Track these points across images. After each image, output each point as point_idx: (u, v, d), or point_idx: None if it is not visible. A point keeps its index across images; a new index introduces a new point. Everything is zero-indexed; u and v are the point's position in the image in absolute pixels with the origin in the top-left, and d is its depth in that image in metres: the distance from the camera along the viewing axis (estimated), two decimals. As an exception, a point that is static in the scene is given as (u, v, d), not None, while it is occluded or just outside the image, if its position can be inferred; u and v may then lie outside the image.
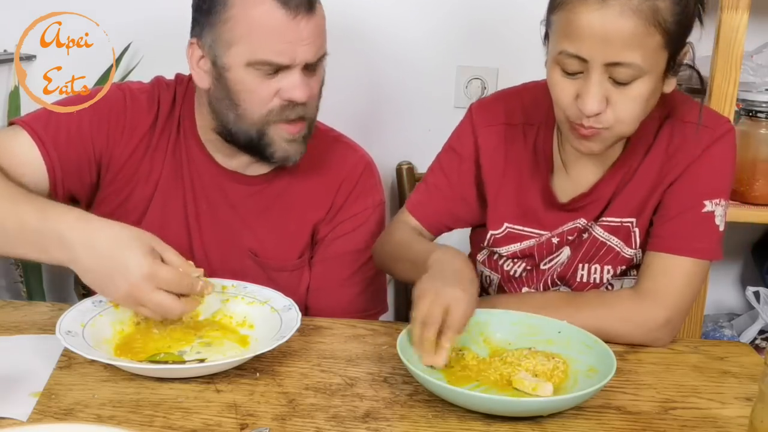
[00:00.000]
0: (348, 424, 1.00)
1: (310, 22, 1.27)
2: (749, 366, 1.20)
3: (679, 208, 1.26)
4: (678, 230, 1.25)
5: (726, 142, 1.27)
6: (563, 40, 1.14)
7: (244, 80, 1.28)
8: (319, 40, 1.30)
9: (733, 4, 1.64)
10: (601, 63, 1.12)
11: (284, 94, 1.28)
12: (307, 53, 1.28)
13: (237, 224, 1.41)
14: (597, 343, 1.13)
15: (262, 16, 1.25)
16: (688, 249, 1.24)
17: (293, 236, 1.42)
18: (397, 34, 2.02)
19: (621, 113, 1.15)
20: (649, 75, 1.13)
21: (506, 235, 1.36)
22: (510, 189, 1.34)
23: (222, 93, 1.30)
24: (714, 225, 1.26)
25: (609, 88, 1.14)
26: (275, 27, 1.25)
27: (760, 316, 1.96)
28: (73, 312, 1.15)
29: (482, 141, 1.35)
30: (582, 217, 1.31)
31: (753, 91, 1.79)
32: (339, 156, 1.45)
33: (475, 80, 2.04)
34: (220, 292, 1.25)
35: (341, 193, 1.43)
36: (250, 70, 1.27)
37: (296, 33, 1.25)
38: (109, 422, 0.97)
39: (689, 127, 1.27)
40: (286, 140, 1.32)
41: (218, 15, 1.26)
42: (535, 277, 1.37)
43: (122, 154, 1.36)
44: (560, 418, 1.02)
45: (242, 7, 1.25)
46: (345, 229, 1.43)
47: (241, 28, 1.26)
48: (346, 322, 1.29)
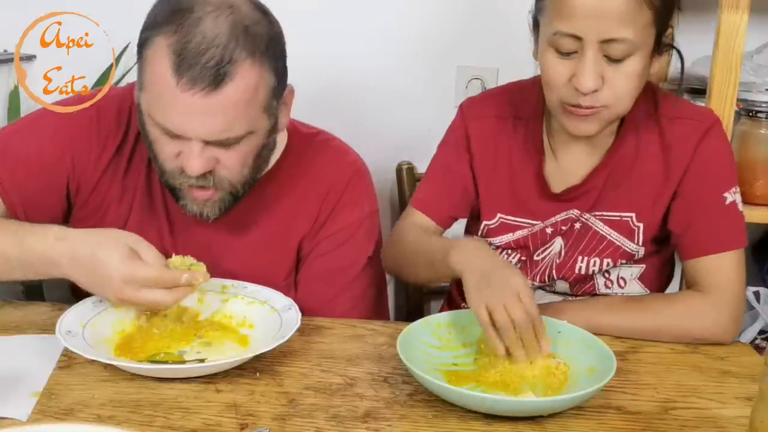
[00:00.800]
0: (348, 424, 1.00)
1: (212, 99, 1.10)
2: (749, 366, 1.20)
3: (703, 209, 1.28)
4: (712, 230, 1.27)
5: (716, 132, 1.29)
6: (557, 21, 1.17)
7: (151, 130, 1.18)
8: (227, 119, 1.12)
9: (733, 4, 1.64)
10: (596, 40, 1.14)
11: (180, 161, 1.17)
12: (206, 131, 1.13)
13: (216, 246, 1.31)
14: (597, 343, 1.13)
15: (156, 75, 1.12)
16: (728, 244, 1.27)
17: (278, 255, 1.33)
18: (398, 33, 2.02)
19: (618, 90, 1.18)
20: (640, 51, 1.17)
21: (500, 225, 1.37)
22: (502, 179, 1.36)
23: (144, 134, 1.20)
24: (738, 212, 1.29)
25: (604, 66, 1.17)
26: (166, 94, 1.11)
27: (760, 316, 1.96)
28: (73, 312, 1.15)
29: (472, 131, 1.37)
30: (575, 207, 1.33)
31: (753, 91, 1.79)
32: (326, 162, 1.35)
33: (475, 80, 2.04)
34: (219, 292, 1.25)
35: (327, 204, 1.33)
36: (154, 123, 1.16)
37: (190, 107, 1.10)
38: (109, 422, 0.97)
39: (678, 123, 1.29)
40: (197, 203, 1.22)
41: (140, 50, 1.16)
42: (530, 268, 1.38)
43: (92, 177, 1.29)
44: (560, 418, 1.02)
45: (148, 55, 1.14)
46: (329, 245, 1.33)
47: (145, 77, 1.15)
48: (346, 322, 1.29)
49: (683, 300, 1.29)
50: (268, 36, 1.16)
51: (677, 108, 1.31)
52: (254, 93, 1.14)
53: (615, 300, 1.33)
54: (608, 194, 1.31)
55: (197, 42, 1.10)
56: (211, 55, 1.10)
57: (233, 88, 1.11)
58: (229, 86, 1.11)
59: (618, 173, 1.30)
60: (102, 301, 1.19)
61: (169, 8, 1.14)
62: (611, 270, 1.36)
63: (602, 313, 1.26)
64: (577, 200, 1.32)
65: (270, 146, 1.25)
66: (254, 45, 1.13)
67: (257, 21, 1.15)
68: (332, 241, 1.34)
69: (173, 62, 1.10)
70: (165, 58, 1.11)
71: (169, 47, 1.10)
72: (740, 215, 1.29)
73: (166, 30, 1.12)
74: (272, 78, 1.17)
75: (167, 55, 1.10)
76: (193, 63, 1.09)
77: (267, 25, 1.17)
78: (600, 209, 1.32)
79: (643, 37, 1.16)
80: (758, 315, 1.97)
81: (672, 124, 1.29)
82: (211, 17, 1.11)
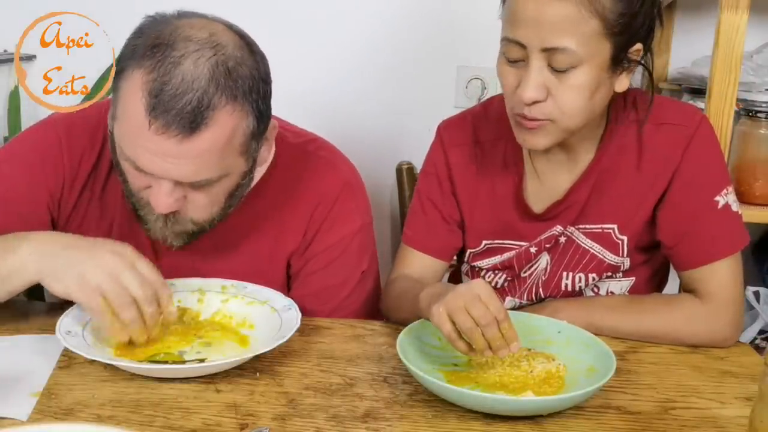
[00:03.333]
0: (348, 424, 1.00)
1: (186, 145, 1.06)
2: (749, 366, 1.20)
3: (694, 217, 1.24)
4: (706, 239, 1.25)
5: (703, 133, 1.25)
6: (505, 27, 1.15)
7: (121, 161, 1.14)
8: (200, 164, 1.09)
9: (733, 4, 1.64)
10: (538, 48, 1.12)
11: (148, 194, 1.13)
12: (178, 174, 1.09)
13: (204, 267, 1.28)
14: (597, 343, 1.13)
15: (129, 112, 1.07)
16: (723, 251, 1.24)
17: (266, 274, 1.29)
18: (398, 33, 2.02)
19: (561, 103, 1.15)
20: (588, 64, 1.12)
21: (485, 250, 1.35)
22: (484, 206, 1.33)
23: (113, 157, 1.17)
24: (732, 213, 1.25)
25: (548, 76, 1.14)
26: (138, 134, 1.07)
27: (760, 316, 1.97)
28: (73, 312, 1.15)
29: (452, 159, 1.34)
30: (558, 224, 1.30)
31: (753, 91, 1.79)
32: (314, 176, 1.30)
33: (475, 80, 2.04)
34: (219, 292, 1.25)
35: (315, 219, 1.29)
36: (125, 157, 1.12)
37: (162, 150, 1.06)
38: (109, 422, 0.97)
39: (663, 129, 1.25)
40: (159, 231, 1.18)
41: (116, 79, 1.11)
42: (517, 286, 1.36)
43: (68, 200, 1.26)
44: (560, 418, 1.02)
45: (123, 87, 1.09)
46: (320, 262, 1.30)
47: (118, 109, 1.10)
48: (346, 322, 1.29)
49: (682, 306, 1.26)
50: (251, 77, 1.11)
51: (660, 113, 1.26)
52: (230, 138, 1.10)
53: (615, 301, 1.32)
54: (590, 207, 1.28)
55: (175, 84, 1.05)
56: (188, 100, 1.05)
57: (209, 135, 1.07)
58: (205, 133, 1.07)
59: (600, 185, 1.27)
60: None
61: (149, 41, 1.08)
62: (600, 284, 1.34)
63: (601, 315, 1.25)
64: (560, 216, 1.30)
65: (246, 185, 1.21)
66: (236, 88, 1.08)
67: (241, 61, 1.10)
68: (322, 258, 1.30)
69: (148, 103, 1.05)
70: (140, 96, 1.06)
71: (145, 85, 1.06)
72: (735, 216, 1.26)
73: (144, 65, 1.07)
74: (252, 121, 1.12)
75: (142, 95, 1.05)
76: (168, 107, 1.05)
77: (252, 64, 1.12)
78: (582, 222, 1.29)
79: (590, 49, 1.11)
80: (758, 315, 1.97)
81: (657, 131, 1.25)
82: (192, 58, 1.06)
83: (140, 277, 1.07)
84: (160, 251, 1.27)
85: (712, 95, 1.70)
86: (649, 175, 1.26)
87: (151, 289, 1.08)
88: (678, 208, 1.25)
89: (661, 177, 1.25)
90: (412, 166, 2.02)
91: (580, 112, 1.16)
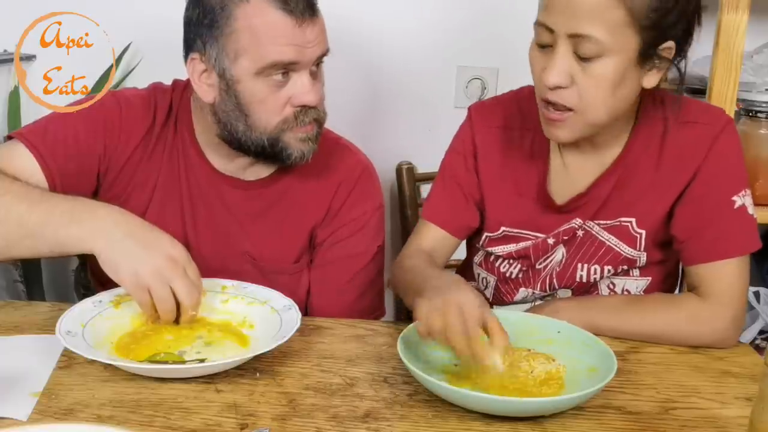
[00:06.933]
0: (348, 424, 1.00)
1: (315, 27, 1.27)
2: (749, 366, 1.20)
3: (711, 214, 1.25)
4: (720, 235, 1.25)
5: (728, 134, 1.27)
6: (539, 12, 1.17)
7: (254, 91, 1.27)
8: (323, 40, 1.31)
9: (733, 4, 1.64)
10: (565, 33, 1.13)
11: (296, 100, 1.28)
12: (314, 54, 1.29)
13: (234, 228, 1.40)
14: (597, 343, 1.13)
15: (267, 25, 1.24)
16: (733, 251, 1.25)
17: (290, 240, 1.41)
18: (397, 34, 2.02)
19: (584, 93, 1.15)
20: (614, 56, 1.13)
21: (503, 236, 1.36)
22: (507, 192, 1.35)
23: (230, 105, 1.29)
24: (747, 215, 1.26)
25: (573, 64, 1.15)
26: (282, 34, 1.25)
27: (760, 316, 1.97)
28: (73, 312, 1.16)
29: (479, 140, 1.36)
30: (578, 217, 1.32)
31: (753, 91, 1.79)
32: (337, 159, 1.44)
33: (475, 80, 2.04)
34: (219, 292, 1.26)
35: (339, 197, 1.42)
36: (260, 80, 1.26)
37: (303, 38, 1.26)
38: (109, 422, 0.97)
39: (689, 127, 1.27)
40: (301, 140, 1.32)
41: (221, 28, 1.25)
42: (532, 277, 1.37)
43: (119, 160, 1.36)
44: (560, 418, 1.02)
45: (246, 18, 1.24)
46: (343, 233, 1.42)
47: (247, 39, 1.25)
48: (346, 322, 1.29)
49: (684, 306, 1.26)
50: None
51: (688, 113, 1.27)
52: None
53: (614, 301, 1.32)
54: (611, 201, 1.30)
55: None
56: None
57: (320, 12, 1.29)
58: (319, 11, 1.29)
59: (623, 181, 1.29)
60: (102, 301, 1.19)
61: None
62: (616, 282, 1.35)
63: (601, 316, 1.25)
64: (580, 209, 1.31)
65: None
66: None
67: None
68: (346, 229, 1.42)
69: (285, 7, 1.24)
70: (273, 7, 1.23)
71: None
72: (750, 219, 1.26)
73: None
74: None
75: (275, 5, 1.23)
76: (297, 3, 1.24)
77: None
78: (602, 216, 1.31)
79: (617, 39, 1.12)
80: (758, 315, 1.97)
81: (683, 128, 1.26)
82: None
83: (188, 285, 1.14)
84: (197, 214, 1.39)
85: (712, 95, 1.70)
86: (671, 171, 1.27)
87: (195, 298, 1.15)
88: (695, 203, 1.26)
89: (683, 173, 1.26)
90: (412, 166, 2.02)
91: (601, 104, 1.17)
